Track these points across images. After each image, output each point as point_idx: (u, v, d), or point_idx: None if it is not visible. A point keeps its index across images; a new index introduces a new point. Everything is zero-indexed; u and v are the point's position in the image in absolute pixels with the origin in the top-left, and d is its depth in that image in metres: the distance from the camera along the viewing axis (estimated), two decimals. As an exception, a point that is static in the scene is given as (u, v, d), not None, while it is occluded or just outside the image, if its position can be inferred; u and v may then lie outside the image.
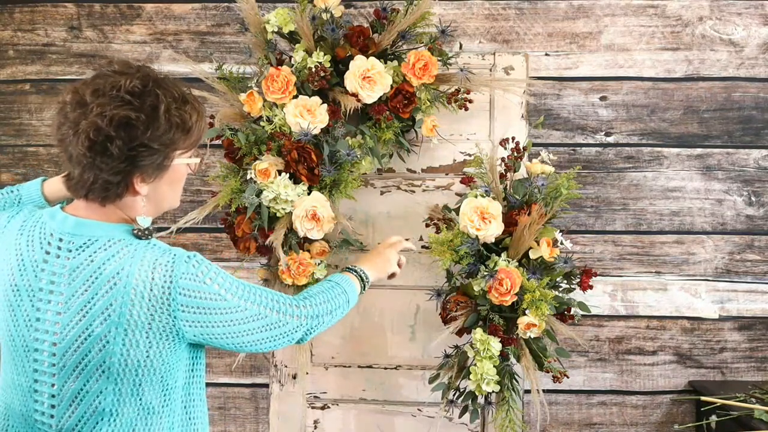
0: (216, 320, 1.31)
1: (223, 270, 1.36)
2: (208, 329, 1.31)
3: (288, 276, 2.10)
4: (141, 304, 1.25)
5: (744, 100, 2.50)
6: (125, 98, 1.24)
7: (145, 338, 1.27)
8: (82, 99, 1.25)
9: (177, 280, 1.27)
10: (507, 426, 1.99)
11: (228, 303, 1.32)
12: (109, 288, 1.25)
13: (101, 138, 1.22)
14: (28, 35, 2.63)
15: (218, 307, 1.31)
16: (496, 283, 1.91)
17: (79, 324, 1.26)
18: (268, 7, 2.51)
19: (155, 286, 1.26)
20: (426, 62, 2.10)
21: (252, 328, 1.36)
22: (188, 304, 1.28)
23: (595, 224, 2.52)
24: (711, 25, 2.49)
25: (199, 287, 1.29)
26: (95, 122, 1.22)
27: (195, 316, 1.29)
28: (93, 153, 1.23)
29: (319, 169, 2.07)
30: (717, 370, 2.51)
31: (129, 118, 1.23)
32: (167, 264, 1.27)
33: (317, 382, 2.36)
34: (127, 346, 1.26)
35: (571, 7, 2.51)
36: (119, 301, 1.25)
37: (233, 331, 1.34)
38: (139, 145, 1.25)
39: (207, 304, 1.30)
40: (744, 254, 2.50)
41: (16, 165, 2.64)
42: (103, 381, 1.28)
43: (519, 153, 2.07)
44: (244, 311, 1.34)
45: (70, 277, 1.27)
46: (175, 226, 2.14)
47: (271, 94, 2.07)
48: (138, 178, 1.28)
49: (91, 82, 1.28)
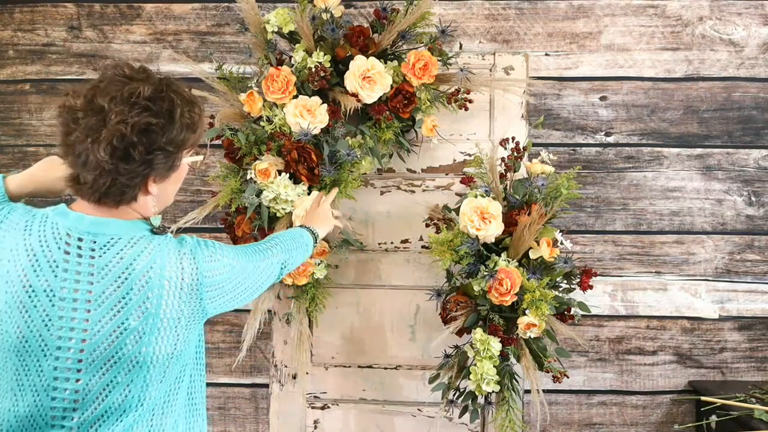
0: (231, 287, 1.44)
1: (230, 247, 1.49)
2: (226, 298, 1.43)
3: (288, 276, 2.10)
4: (174, 295, 1.33)
5: (744, 100, 2.50)
6: (145, 105, 1.28)
7: (174, 328, 1.34)
8: (98, 106, 1.27)
9: (201, 265, 1.37)
10: (507, 426, 1.99)
11: (236, 270, 1.46)
12: (144, 283, 1.31)
13: (124, 144, 1.26)
14: (28, 35, 2.63)
15: (231, 277, 1.44)
16: (496, 283, 1.91)
17: (113, 319, 1.30)
18: (268, 7, 2.51)
19: (186, 276, 1.35)
20: (426, 62, 2.10)
21: (255, 281, 1.52)
22: (212, 284, 1.39)
23: (595, 224, 2.52)
24: (711, 25, 2.49)
25: (216, 266, 1.40)
26: (119, 129, 1.25)
27: (216, 292, 1.40)
28: (115, 159, 1.26)
29: (319, 169, 2.07)
30: (717, 370, 2.51)
31: (150, 124, 1.28)
32: (189, 253, 1.37)
33: (317, 382, 2.36)
34: (160, 336, 1.32)
35: (571, 7, 2.51)
36: (154, 294, 1.31)
37: (243, 289, 1.48)
38: (157, 149, 1.30)
39: (224, 277, 1.42)
40: (744, 254, 2.50)
41: (16, 165, 2.64)
42: (135, 371, 1.32)
43: (519, 153, 2.07)
44: (247, 270, 1.49)
45: (99, 275, 1.30)
46: (175, 226, 2.14)
47: (271, 94, 2.07)
48: (151, 179, 1.34)
49: (105, 88, 1.29)
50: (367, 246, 2.34)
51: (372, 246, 2.35)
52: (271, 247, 1.62)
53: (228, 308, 1.47)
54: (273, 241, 1.66)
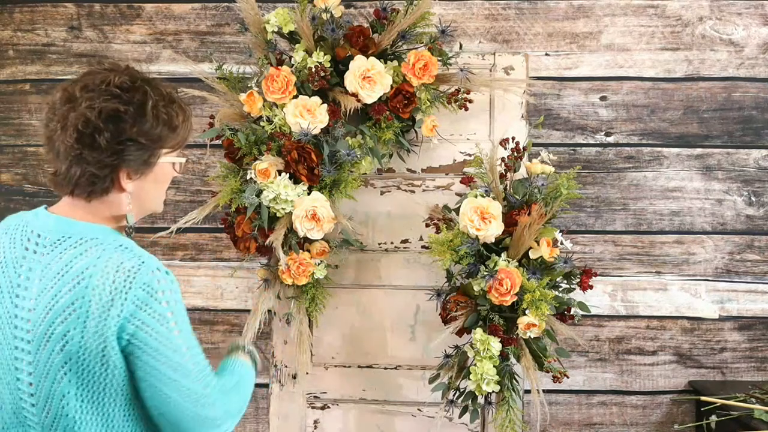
0: (153, 347, 1.25)
1: (184, 308, 1.32)
2: (143, 354, 1.25)
3: (288, 276, 2.10)
4: (99, 306, 1.23)
5: (744, 100, 2.50)
6: (114, 92, 1.27)
7: (99, 342, 1.24)
8: (72, 95, 1.28)
9: (135, 289, 1.24)
10: (507, 426, 1.99)
11: (170, 337, 1.26)
12: (74, 286, 1.25)
13: (89, 130, 1.25)
14: (28, 35, 2.63)
15: (161, 334, 1.26)
16: (496, 283, 1.91)
17: (44, 321, 1.26)
18: (268, 7, 2.51)
19: (114, 290, 1.23)
20: (426, 62, 2.10)
21: (176, 382, 1.27)
22: (137, 315, 1.24)
23: (595, 224, 2.52)
24: (711, 25, 2.49)
25: (152, 303, 1.25)
26: (84, 114, 1.25)
27: (138, 332, 1.24)
28: (81, 145, 1.25)
29: (319, 169, 2.07)
30: (717, 370, 2.51)
31: (118, 110, 1.26)
32: (131, 269, 1.25)
33: (317, 382, 2.36)
34: (83, 347, 1.24)
35: (571, 7, 2.51)
36: (80, 300, 1.24)
37: (159, 371, 1.26)
38: (127, 140, 1.27)
39: (152, 323, 1.25)
40: (744, 254, 2.50)
41: (16, 165, 2.64)
42: (65, 383, 1.26)
43: (519, 153, 2.07)
44: (179, 357, 1.27)
45: (42, 273, 1.28)
46: (175, 226, 2.14)
47: (271, 94, 2.07)
48: (124, 173, 1.30)
49: (80, 79, 1.30)
50: (367, 246, 2.34)
51: (372, 246, 2.35)
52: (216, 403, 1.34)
53: (143, 378, 1.26)
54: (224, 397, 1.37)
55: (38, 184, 2.63)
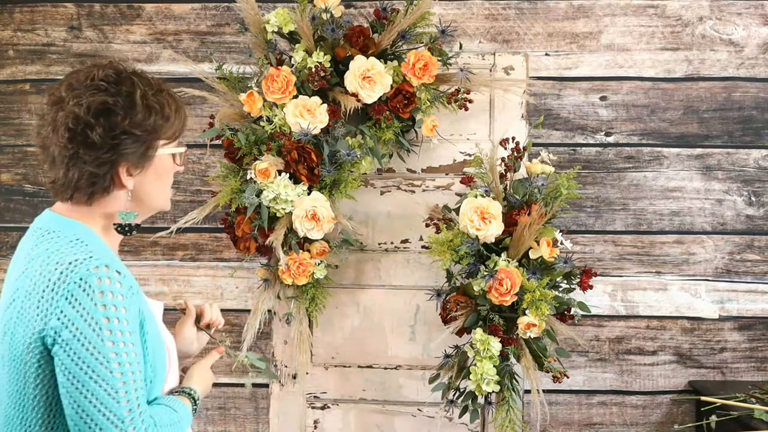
0: (76, 351, 1.13)
1: (133, 310, 1.18)
2: (66, 356, 1.13)
3: (288, 276, 2.10)
4: (31, 297, 1.16)
5: (744, 100, 2.50)
6: (100, 86, 1.24)
7: (27, 336, 1.16)
8: (58, 97, 1.25)
9: (70, 283, 1.14)
10: (507, 426, 1.99)
11: (99, 344, 1.13)
12: (19, 276, 1.21)
13: (81, 126, 1.21)
14: (28, 35, 2.63)
15: (87, 338, 1.13)
16: (496, 283, 1.91)
17: (6, 311, 1.22)
18: (268, 7, 2.51)
19: (49, 282, 1.15)
20: (426, 62, 2.10)
21: (93, 392, 1.13)
22: (65, 312, 1.14)
23: (595, 224, 2.52)
24: (711, 25, 2.49)
25: (84, 301, 1.14)
26: (72, 111, 1.21)
27: (63, 330, 1.13)
28: (75, 144, 1.21)
29: (319, 169, 2.07)
30: (717, 370, 2.51)
31: (106, 103, 1.22)
32: (72, 262, 1.16)
33: (317, 382, 2.36)
34: (15, 341, 1.17)
35: (571, 7, 2.51)
36: (19, 291, 1.19)
37: (79, 381, 1.13)
38: (121, 133, 1.23)
39: (80, 323, 1.13)
40: (744, 254, 2.50)
41: (16, 165, 2.64)
42: (4, 378, 1.20)
43: (519, 153, 2.07)
44: (104, 370, 1.13)
45: (13, 265, 1.27)
46: (175, 226, 2.14)
47: (271, 94, 2.07)
48: (123, 169, 1.25)
49: (64, 80, 1.28)
50: (367, 246, 2.34)
51: (372, 246, 2.35)
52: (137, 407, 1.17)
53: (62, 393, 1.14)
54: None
55: (38, 184, 2.63)
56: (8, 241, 2.64)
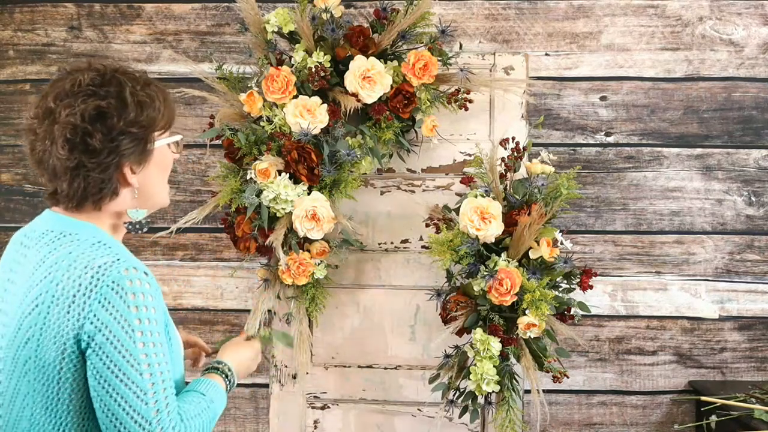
0: (109, 354, 1.14)
1: (161, 310, 1.21)
2: (98, 360, 1.14)
3: (288, 276, 2.10)
4: (60, 302, 1.16)
5: (744, 100, 2.50)
6: (89, 91, 1.22)
7: (58, 341, 1.16)
8: (48, 109, 1.23)
9: (103, 286, 1.15)
10: (507, 426, 1.99)
11: (131, 347, 1.15)
12: (41, 280, 1.19)
13: (79, 135, 1.20)
14: (28, 35, 2.63)
15: (121, 341, 1.14)
16: (496, 283, 1.91)
17: (16, 315, 1.21)
18: (268, 7, 2.51)
19: (80, 287, 1.16)
20: (426, 62, 2.10)
21: (123, 395, 1.14)
22: (99, 316, 1.14)
23: (595, 224, 2.52)
24: (711, 25, 2.49)
25: (118, 305, 1.15)
26: (68, 122, 1.20)
27: (97, 334, 1.14)
28: (77, 153, 1.20)
29: (319, 169, 2.07)
30: (717, 370, 2.51)
31: (100, 107, 1.21)
32: (102, 266, 1.17)
33: (317, 382, 2.36)
34: (41, 347, 1.17)
35: (571, 7, 2.51)
36: (44, 295, 1.18)
37: (109, 383, 1.14)
38: (119, 134, 1.22)
39: (114, 327, 1.14)
40: (744, 254, 2.50)
41: (16, 165, 2.64)
42: (26, 383, 1.19)
43: (519, 153, 2.07)
44: (135, 373, 1.15)
45: (24, 267, 1.24)
46: (175, 226, 2.14)
47: (271, 94, 2.07)
48: (127, 168, 1.25)
49: (49, 91, 1.26)
50: (367, 246, 2.34)
51: (372, 246, 2.35)
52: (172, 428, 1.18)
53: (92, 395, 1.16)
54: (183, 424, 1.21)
55: (38, 184, 2.63)
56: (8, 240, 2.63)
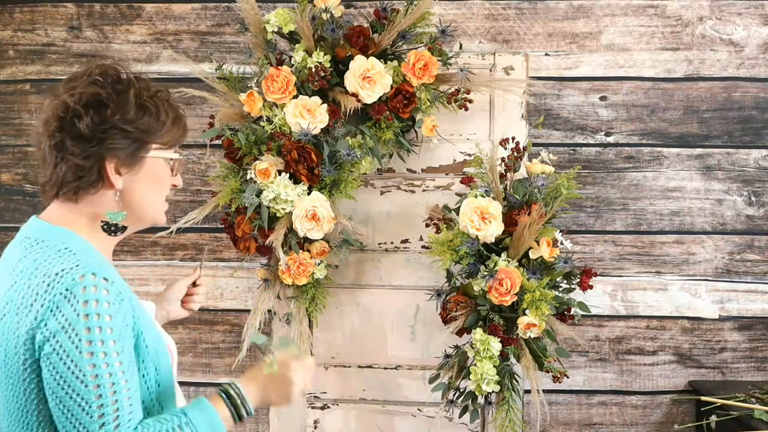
0: (55, 365, 1.10)
1: (119, 319, 1.13)
2: (46, 370, 1.11)
3: (288, 276, 2.10)
4: (20, 310, 1.13)
5: (744, 100, 2.50)
6: (96, 79, 1.23)
7: (18, 348, 1.13)
8: (56, 92, 1.25)
9: (55, 294, 1.11)
10: (507, 426, 1.99)
11: (77, 358, 1.09)
12: (8, 289, 1.17)
13: (69, 115, 1.19)
14: (28, 35, 2.63)
15: (66, 351, 1.09)
16: (496, 283, 1.91)
17: None
18: (268, 7, 2.51)
19: (36, 294, 1.12)
20: (426, 62, 2.10)
21: (68, 406, 1.10)
22: (48, 324, 1.10)
23: (595, 224, 2.52)
24: (711, 25, 2.49)
25: (66, 311, 1.10)
26: (64, 101, 1.20)
27: (45, 344, 1.10)
28: (62, 134, 1.19)
29: (319, 169, 2.07)
30: (717, 370, 2.51)
31: (98, 95, 1.20)
32: (59, 273, 1.13)
33: (317, 382, 2.36)
34: (6, 356, 1.14)
35: (571, 7, 2.51)
36: (9, 305, 1.16)
37: (57, 395, 1.10)
38: (111, 127, 1.20)
39: (60, 335, 1.09)
40: (744, 254, 2.50)
41: (16, 165, 2.64)
42: (1, 395, 1.17)
43: (519, 153, 2.07)
44: (80, 386, 1.09)
45: (1, 276, 1.23)
46: (175, 226, 2.14)
47: (271, 94, 2.07)
48: (111, 165, 1.22)
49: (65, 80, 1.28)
50: (367, 246, 2.34)
51: (372, 246, 2.35)
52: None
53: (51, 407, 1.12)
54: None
55: (38, 184, 2.62)
56: (8, 241, 2.63)
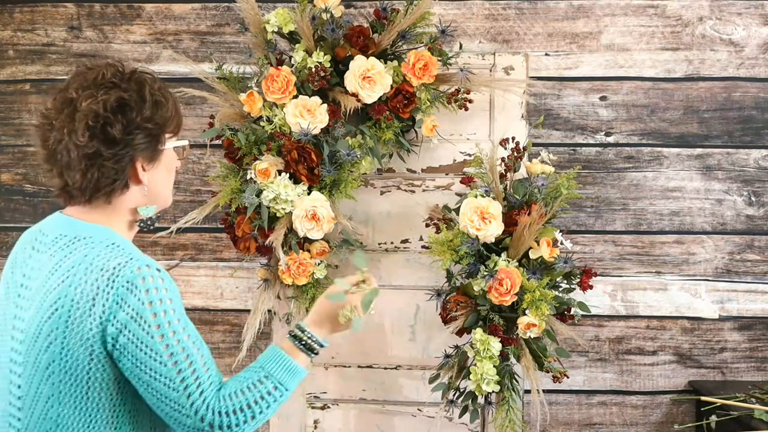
0: (131, 352, 1.20)
1: (178, 300, 1.24)
2: (124, 358, 1.20)
3: (288, 276, 2.10)
4: (81, 305, 1.20)
5: (744, 100, 2.50)
6: (113, 82, 1.27)
7: (83, 343, 1.20)
8: (67, 98, 1.27)
9: (117, 287, 1.19)
10: (507, 426, 1.99)
11: (149, 341, 1.20)
12: (59, 284, 1.22)
13: (100, 123, 1.24)
14: (28, 35, 2.63)
15: (138, 337, 1.19)
16: (496, 283, 1.91)
17: (34, 320, 1.23)
18: (268, 7, 2.51)
19: (97, 289, 1.20)
20: (426, 62, 2.10)
21: (155, 387, 1.21)
22: (118, 316, 1.19)
23: (595, 224, 2.52)
24: (711, 25, 2.49)
25: (131, 302, 1.19)
26: (91, 108, 1.24)
27: (119, 335, 1.19)
28: (96, 142, 1.24)
29: (319, 169, 2.07)
30: (717, 370, 2.51)
31: (123, 98, 1.26)
32: (116, 267, 1.21)
33: (317, 382, 2.36)
34: (66, 349, 1.20)
35: (571, 7, 2.51)
36: (63, 299, 1.21)
37: (139, 377, 1.20)
38: (136, 128, 1.27)
39: (131, 325, 1.19)
40: (744, 254, 2.50)
41: (16, 165, 2.64)
42: (50, 386, 1.22)
43: (519, 153, 2.07)
44: (157, 364, 1.20)
45: (38, 272, 1.27)
46: (175, 226, 2.14)
47: (271, 94, 2.07)
48: (139, 164, 1.29)
49: (70, 83, 1.30)
50: (367, 246, 2.34)
51: (372, 246, 2.35)
52: (209, 410, 1.22)
53: (132, 381, 1.22)
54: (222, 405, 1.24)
55: (38, 184, 2.63)
56: (8, 241, 2.64)
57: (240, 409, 1.25)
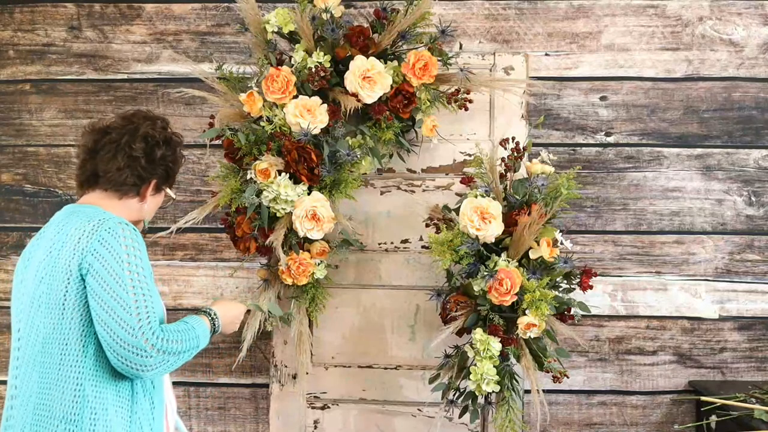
0: (101, 274, 1.47)
1: (146, 257, 1.54)
2: (92, 279, 1.47)
3: (288, 276, 2.11)
4: (69, 246, 1.50)
5: (744, 100, 2.50)
6: (163, 125, 1.71)
7: (65, 273, 1.49)
8: (131, 120, 1.67)
9: (101, 231, 1.50)
10: (507, 426, 1.99)
11: (119, 271, 1.48)
12: (55, 235, 1.55)
13: (152, 143, 1.65)
14: (28, 35, 2.63)
15: (110, 265, 1.48)
16: (496, 283, 1.91)
17: (39, 262, 1.55)
18: (268, 7, 2.51)
19: (83, 233, 1.50)
20: (426, 62, 2.10)
21: (111, 306, 1.47)
22: (98, 250, 1.49)
23: (595, 224, 2.52)
24: (711, 25, 2.49)
25: (112, 242, 1.49)
26: (149, 131, 1.65)
27: (94, 261, 1.48)
28: (142, 153, 1.63)
29: (319, 169, 2.07)
30: (717, 370, 2.51)
31: (171, 138, 1.70)
32: (102, 220, 1.52)
33: (317, 382, 2.36)
34: (52, 279, 1.51)
35: (571, 7, 2.51)
36: (56, 243, 1.54)
37: (101, 297, 1.47)
38: (165, 162, 1.68)
39: (107, 255, 1.48)
40: (744, 254, 2.50)
41: (16, 165, 2.64)
42: (35, 311, 1.54)
43: (519, 153, 2.07)
44: (121, 289, 1.47)
45: (36, 248, 1.59)
46: (175, 226, 2.14)
47: (271, 94, 2.07)
48: (152, 185, 1.67)
49: (135, 114, 1.70)
50: (367, 246, 2.34)
51: (372, 246, 2.35)
52: (156, 338, 1.48)
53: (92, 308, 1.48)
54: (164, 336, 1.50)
55: (38, 184, 2.63)
56: (8, 241, 2.64)
57: (173, 340, 1.51)
